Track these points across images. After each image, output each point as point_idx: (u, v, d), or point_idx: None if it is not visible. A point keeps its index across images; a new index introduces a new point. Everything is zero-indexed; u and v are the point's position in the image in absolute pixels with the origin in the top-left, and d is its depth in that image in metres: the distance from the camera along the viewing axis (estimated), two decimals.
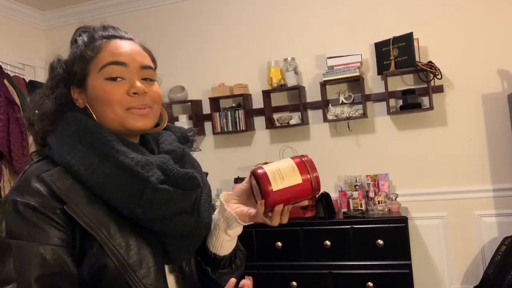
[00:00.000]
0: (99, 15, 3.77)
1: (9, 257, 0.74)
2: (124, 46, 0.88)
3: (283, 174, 0.85)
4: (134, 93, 0.85)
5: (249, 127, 3.36)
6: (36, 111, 0.89)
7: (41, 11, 3.91)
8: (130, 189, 0.80)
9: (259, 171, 0.85)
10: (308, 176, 0.86)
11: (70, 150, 0.82)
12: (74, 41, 0.93)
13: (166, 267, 0.87)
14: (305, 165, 0.86)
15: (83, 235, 0.78)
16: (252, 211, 0.89)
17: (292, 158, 0.88)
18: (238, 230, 0.93)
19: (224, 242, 0.93)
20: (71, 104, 0.90)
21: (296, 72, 3.25)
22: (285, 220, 0.87)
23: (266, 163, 0.94)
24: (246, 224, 0.91)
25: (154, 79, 0.91)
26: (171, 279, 0.89)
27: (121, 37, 0.91)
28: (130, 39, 0.93)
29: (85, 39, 0.90)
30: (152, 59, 0.94)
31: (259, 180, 0.84)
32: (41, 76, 3.85)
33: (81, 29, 0.94)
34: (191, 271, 0.93)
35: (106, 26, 0.94)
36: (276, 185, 0.83)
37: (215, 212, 0.95)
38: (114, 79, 0.85)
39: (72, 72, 0.89)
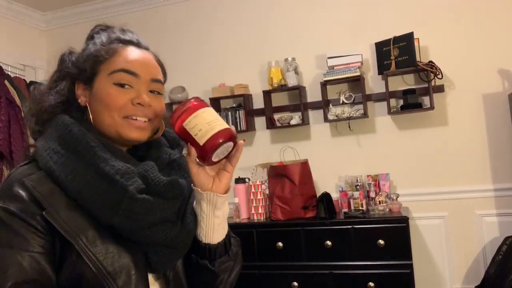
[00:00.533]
0: (99, 16, 3.77)
1: None
2: (139, 56, 0.88)
3: (208, 124, 0.83)
4: (138, 103, 0.85)
5: (250, 127, 3.36)
6: (32, 106, 0.90)
7: (41, 12, 3.91)
8: (108, 197, 0.78)
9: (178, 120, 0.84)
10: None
11: (53, 155, 0.82)
12: (90, 37, 0.93)
13: (151, 275, 0.86)
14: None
15: (63, 241, 0.78)
16: (213, 172, 0.87)
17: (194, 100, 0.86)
18: (226, 209, 0.90)
19: (216, 226, 0.89)
20: (72, 101, 0.89)
21: (296, 72, 3.25)
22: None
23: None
24: (226, 193, 0.88)
25: (162, 93, 0.91)
26: (156, 287, 0.87)
27: (138, 45, 0.91)
28: (146, 48, 0.93)
29: (103, 39, 0.90)
30: (163, 72, 0.94)
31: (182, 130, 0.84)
32: (42, 77, 3.86)
33: (99, 27, 0.95)
34: (177, 276, 0.90)
35: (125, 29, 0.94)
36: (201, 136, 0.82)
37: (194, 204, 0.91)
38: (122, 85, 0.85)
39: (82, 67, 0.88)
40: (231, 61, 3.50)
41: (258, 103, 3.40)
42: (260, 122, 3.42)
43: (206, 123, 0.82)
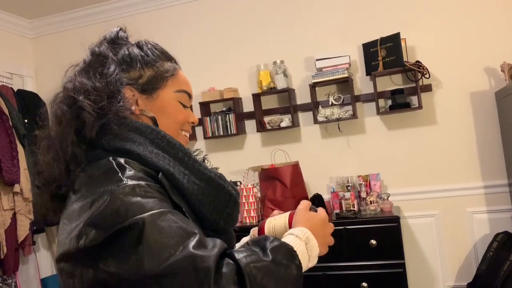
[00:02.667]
0: (86, 23, 3.76)
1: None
2: (188, 80, 0.98)
3: (276, 227, 0.96)
4: (191, 123, 0.97)
5: (240, 130, 3.37)
6: (95, 111, 0.82)
7: (28, 20, 3.89)
8: (217, 201, 0.85)
9: (262, 223, 0.99)
10: None
11: (164, 159, 0.83)
12: (137, 46, 0.94)
13: None
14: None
15: None
16: None
17: (290, 213, 0.97)
18: None
19: None
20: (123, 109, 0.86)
21: (285, 75, 3.26)
22: None
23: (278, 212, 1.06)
24: None
25: None
26: None
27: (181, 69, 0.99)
28: None
29: (157, 51, 0.95)
30: None
31: (259, 229, 0.98)
32: (30, 85, 3.83)
33: (142, 41, 0.97)
34: None
35: (164, 50, 0.98)
36: (268, 234, 0.94)
37: (242, 240, 1.04)
38: (184, 105, 0.95)
39: (138, 74, 0.90)
40: (220, 65, 3.50)
41: (248, 106, 3.41)
42: (250, 125, 3.42)
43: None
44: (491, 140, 2.99)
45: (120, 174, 0.76)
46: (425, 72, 2.98)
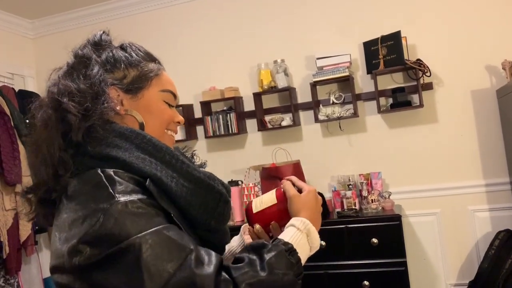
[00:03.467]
0: (86, 23, 3.76)
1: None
2: (172, 81, 0.99)
3: (263, 200, 1.00)
4: (177, 122, 0.97)
5: (241, 129, 3.37)
6: (80, 113, 0.82)
7: (29, 20, 3.89)
8: (207, 202, 0.84)
9: (249, 204, 1.02)
10: (284, 196, 0.97)
11: (150, 164, 0.82)
12: (121, 48, 0.94)
13: None
14: (282, 190, 0.98)
15: None
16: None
17: (277, 189, 1.01)
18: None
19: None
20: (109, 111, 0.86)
21: (286, 74, 3.26)
22: (276, 234, 0.91)
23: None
24: None
25: None
26: None
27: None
28: None
29: (141, 53, 0.95)
30: None
31: (246, 208, 1.01)
32: (31, 85, 3.84)
33: (126, 43, 0.97)
34: None
35: (148, 51, 0.98)
36: (255, 208, 0.99)
37: (232, 239, 1.04)
38: (169, 105, 0.95)
39: (122, 75, 0.90)
40: (221, 64, 3.50)
41: (249, 105, 3.41)
42: (251, 124, 3.42)
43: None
44: (493, 138, 2.98)
45: (110, 189, 0.76)
46: (426, 70, 2.98)
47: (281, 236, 0.86)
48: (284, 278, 0.78)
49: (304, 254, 0.86)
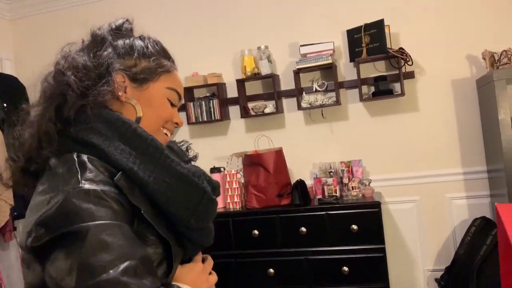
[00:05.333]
0: (66, 5, 3.66)
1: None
2: (181, 82, 0.98)
3: None
4: (175, 123, 0.96)
5: (224, 116, 3.35)
6: (79, 89, 0.82)
7: (5, 1, 3.78)
8: (189, 199, 0.83)
9: None
10: None
11: (128, 156, 0.80)
12: (134, 36, 0.95)
13: None
14: None
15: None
16: None
17: None
18: None
19: None
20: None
21: (269, 61, 3.24)
22: None
23: None
24: None
25: None
26: None
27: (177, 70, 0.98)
28: None
29: (157, 47, 0.96)
30: None
31: None
32: (8, 68, 3.74)
33: (145, 35, 0.98)
34: None
35: (165, 48, 0.99)
36: None
37: None
38: (172, 104, 0.94)
39: (133, 63, 0.89)
40: (204, 50, 3.46)
41: (232, 92, 3.39)
42: (234, 111, 3.41)
43: None
44: (471, 127, 3.03)
45: (79, 175, 0.76)
46: (408, 59, 3.00)
47: None
48: None
49: None
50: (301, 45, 3.13)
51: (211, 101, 3.30)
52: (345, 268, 2.75)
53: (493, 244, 2.68)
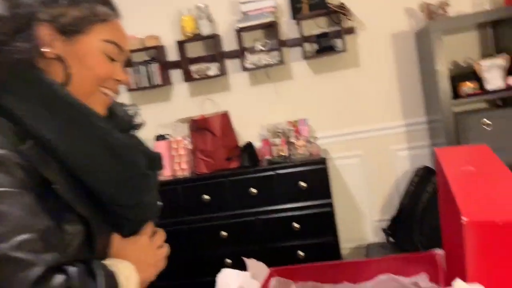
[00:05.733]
0: None
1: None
2: (125, 32, 0.87)
3: None
4: (118, 80, 0.84)
5: (166, 81, 3.22)
6: None
7: None
8: (116, 173, 0.75)
9: None
10: None
11: (43, 121, 0.70)
12: None
13: None
14: None
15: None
16: None
17: None
18: None
19: None
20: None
21: (210, 20, 3.12)
22: None
23: None
24: None
25: None
26: None
27: (120, 18, 0.87)
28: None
29: None
30: None
31: None
32: None
33: None
34: None
35: None
36: None
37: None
38: (111, 59, 0.82)
39: (60, 12, 0.76)
40: (138, 11, 3.25)
41: (173, 55, 3.25)
42: (176, 75, 3.29)
43: None
44: (411, 80, 3.10)
45: None
46: (348, 15, 2.98)
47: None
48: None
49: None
50: (241, 2, 3.03)
51: (150, 66, 3.15)
52: (296, 225, 2.80)
53: (434, 191, 2.80)
